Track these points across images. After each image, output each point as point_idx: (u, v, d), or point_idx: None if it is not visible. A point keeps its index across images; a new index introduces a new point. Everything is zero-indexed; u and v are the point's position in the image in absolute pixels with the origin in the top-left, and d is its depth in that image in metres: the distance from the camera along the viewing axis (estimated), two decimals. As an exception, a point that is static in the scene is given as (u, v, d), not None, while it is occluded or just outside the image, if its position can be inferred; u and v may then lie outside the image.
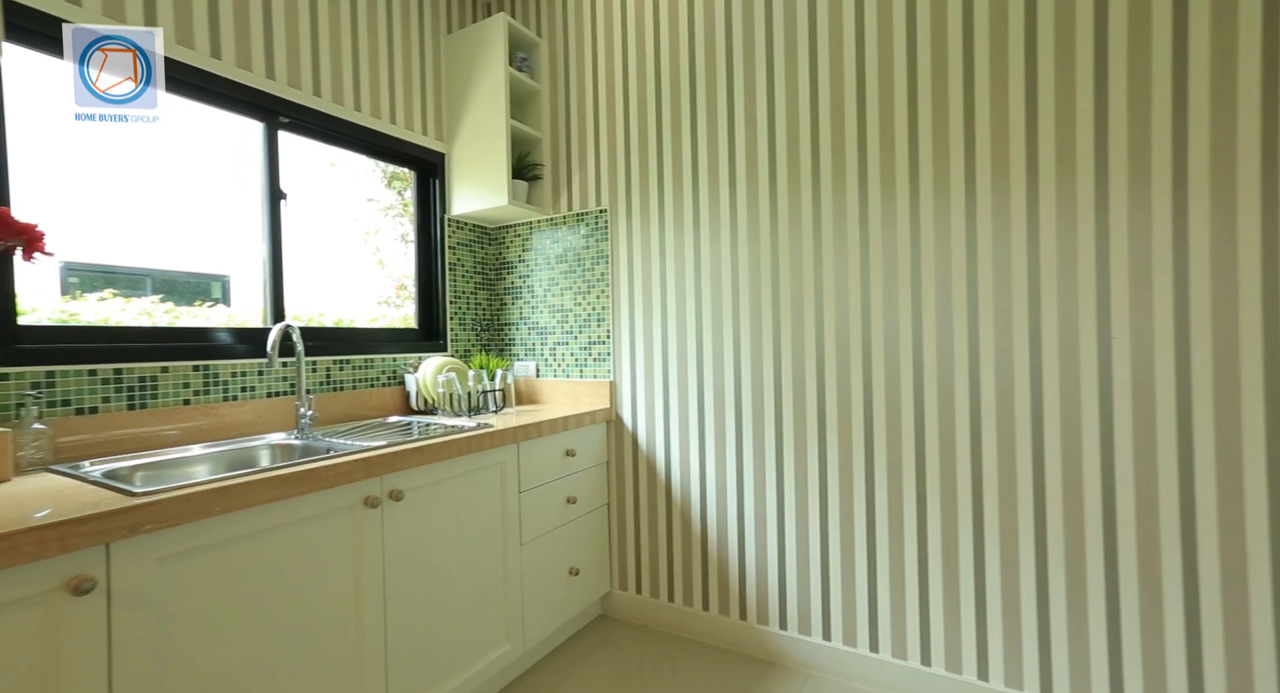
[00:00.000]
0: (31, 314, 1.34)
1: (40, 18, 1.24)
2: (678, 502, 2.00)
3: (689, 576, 1.98)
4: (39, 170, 1.33)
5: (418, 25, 2.16)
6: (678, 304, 1.99)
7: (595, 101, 2.15)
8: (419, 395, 1.99)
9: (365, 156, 2.10)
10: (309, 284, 1.91)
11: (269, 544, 1.11)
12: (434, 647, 1.44)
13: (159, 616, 0.95)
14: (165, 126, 1.58)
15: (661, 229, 2.02)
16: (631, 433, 2.10)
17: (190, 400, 1.51)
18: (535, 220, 2.30)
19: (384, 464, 1.31)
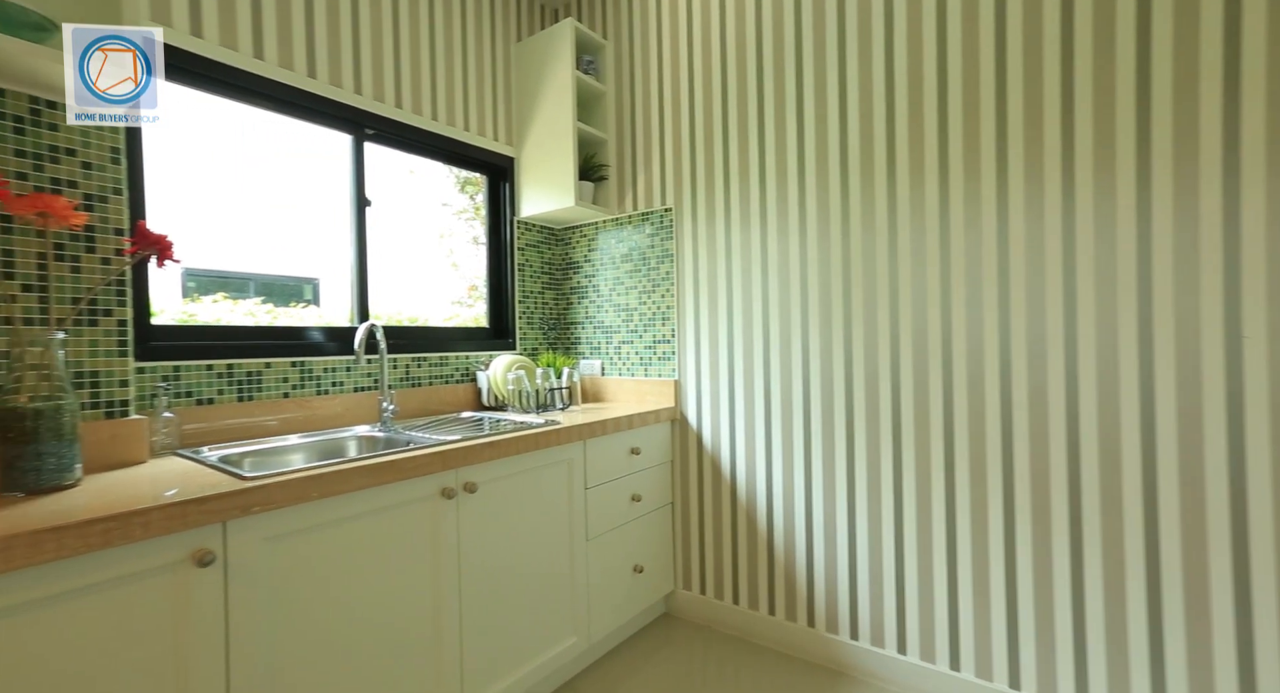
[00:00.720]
0: (160, 315, 1.50)
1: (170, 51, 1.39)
2: (743, 503, 1.97)
3: (754, 579, 1.94)
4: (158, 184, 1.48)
5: (489, 35, 2.24)
6: (744, 303, 1.95)
7: (660, 100, 2.15)
8: (490, 392, 2.07)
9: (440, 163, 2.20)
10: (389, 285, 2.02)
11: (356, 530, 1.19)
12: (504, 634, 1.49)
13: (265, 588, 1.04)
14: (264, 142, 1.72)
15: (728, 227, 1.99)
16: (696, 432, 2.08)
17: (289, 394, 1.63)
18: (601, 221, 2.33)
19: (459, 458, 1.36)
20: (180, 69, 1.44)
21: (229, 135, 1.64)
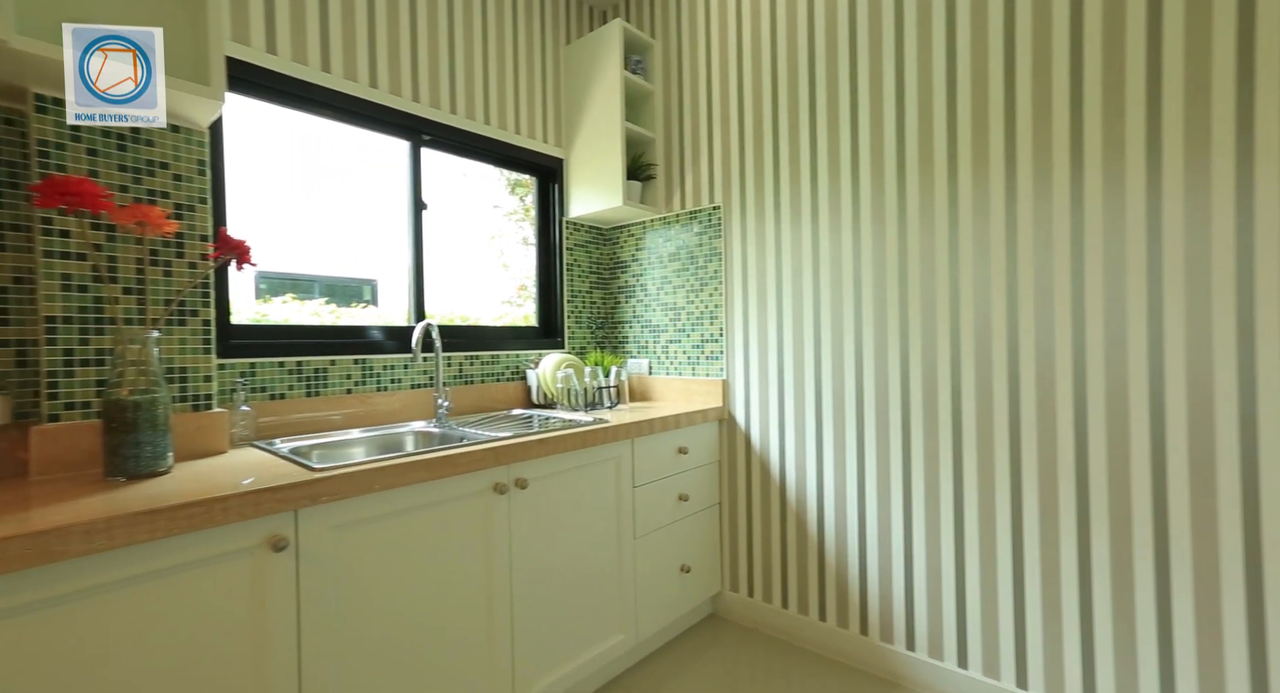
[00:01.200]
0: (236, 315, 1.60)
1: (247, 67, 1.49)
2: (792, 505, 1.93)
3: (804, 582, 1.91)
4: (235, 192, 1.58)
5: (539, 39, 2.28)
6: (794, 301, 1.92)
7: (708, 98, 2.13)
8: (539, 390, 2.11)
9: (492, 166, 2.26)
10: (442, 285, 2.09)
11: (414, 521, 1.23)
12: (554, 628, 1.52)
13: (333, 574, 1.10)
14: (328, 149, 1.81)
15: (777, 224, 1.96)
16: (744, 433, 2.06)
17: (351, 390, 1.72)
18: (648, 220, 2.33)
19: (511, 454, 1.40)
20: (254, 84, 1.54)
21: (296, 144, 1.74)
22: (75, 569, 0.82)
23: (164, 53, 1.18)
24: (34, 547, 0.77)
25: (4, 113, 1.14)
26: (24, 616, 0.79)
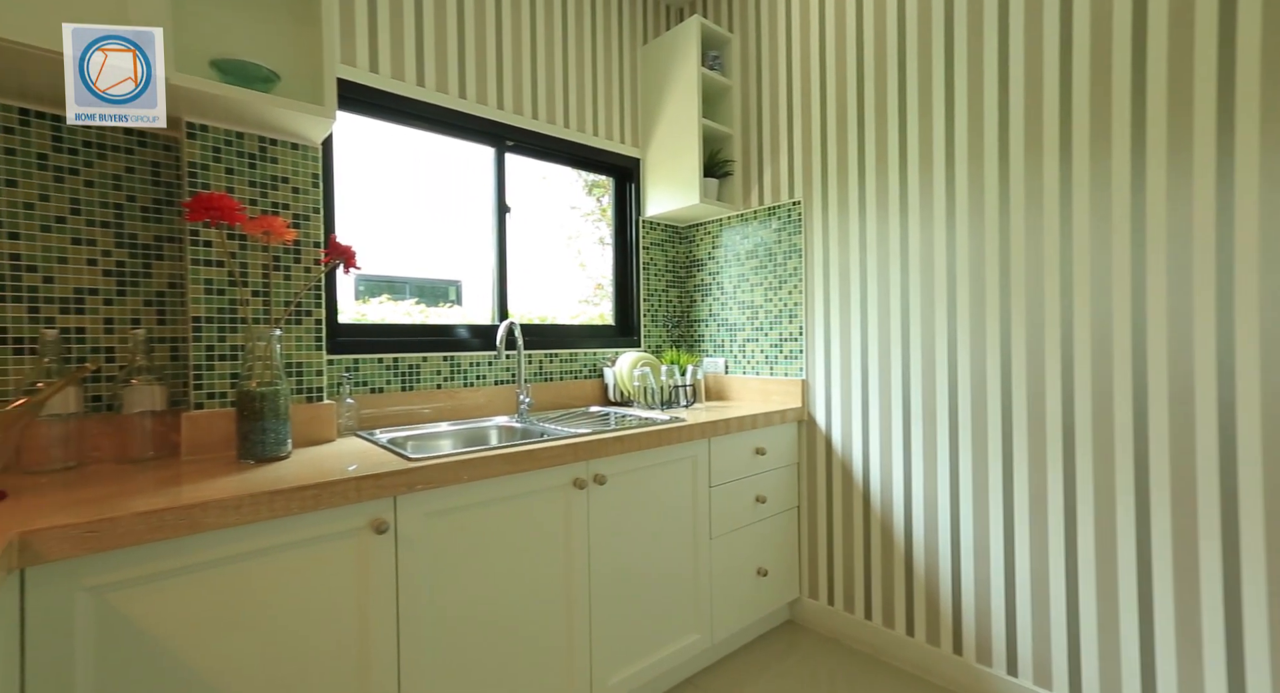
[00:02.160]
0: (341, 315, 1.74)
1: (353, 87, 1.62)
2: (877, 512, 1.84)
3: (890, 594, 1.81)
4: (342, 201, 1.71)
5: (617, 41, 2.31)
6: (880, 298, 1.82)
7: (789, 90, 2.07)
8: (616, 388, 2.14)
9: (570, 168, 2.32)
10: (523, 285, 2.17)
11: (499, 512, 1.29)
12: (630, 623, 1.53)
13: (426, 557, 1.17)
14: (418, 158, 1.92)
15: (862, 219, 1.87)
16: (825, 435, 1.99)
17: (441, 385, 1.82)
18: (725, 217, 2.30)
19: (590, 450, 1.43)
20: (358, 101, 1.66)
21: (389, 154, 1.86)
22: (216, 540, 0.92)
23: (286, 80, 1.31)
24: (185, 518, 0.88)
25: (165, 140, 1.31)
26: (178, 577, 0.90)
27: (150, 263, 1.31)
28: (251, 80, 1.22)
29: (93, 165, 1.24)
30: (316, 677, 1.03)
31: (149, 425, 1.23)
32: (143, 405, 1.23)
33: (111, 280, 1.26)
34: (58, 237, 1.21)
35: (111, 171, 1.26)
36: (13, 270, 1.16)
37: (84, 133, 1.23)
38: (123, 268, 1.28)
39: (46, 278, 1.20)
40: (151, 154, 1.31)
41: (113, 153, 1.26)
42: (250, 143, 1.33)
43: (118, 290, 1.27)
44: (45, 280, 1.19)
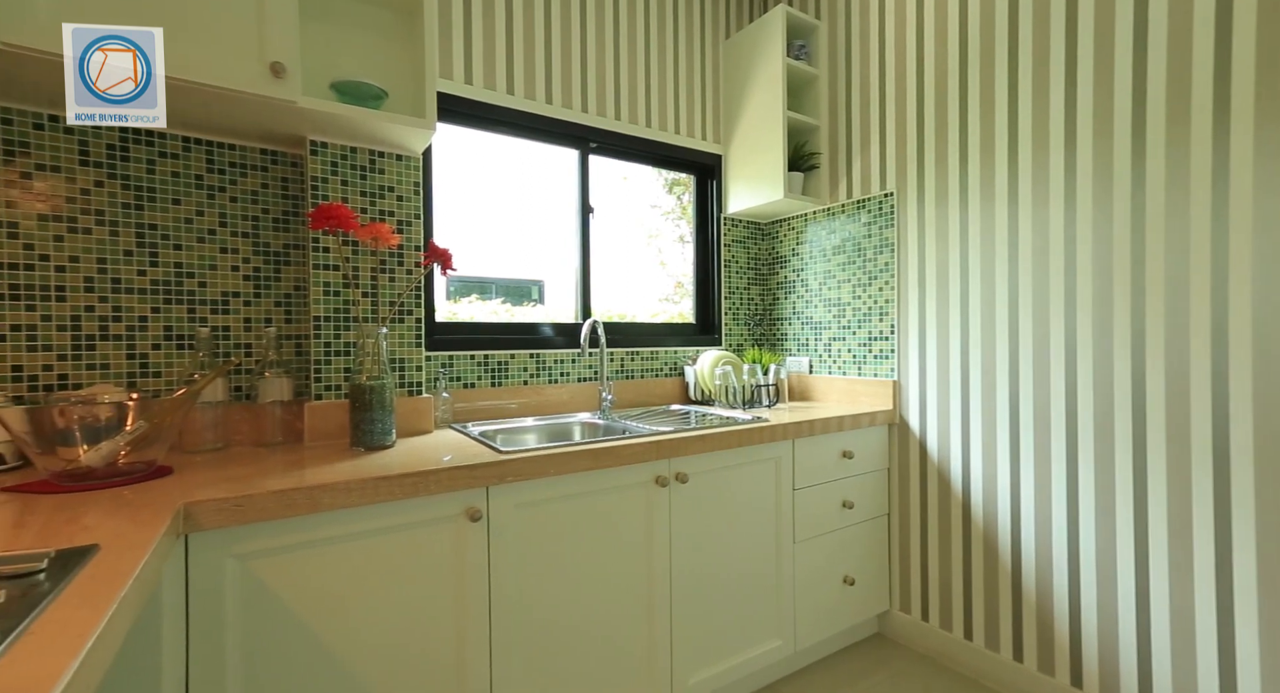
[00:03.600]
0: (436, 314, 1.85)
1: (450, 99, 1.72)
2: (979, 524, 1.71)
3: (994, 614, 1.67)
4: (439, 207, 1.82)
5: (699, 37, 2.29)
6: (985, 294, 1.68)
7: (881, 75, 1.96)
8: (696, 386, 2.13)
9: (650, 167, 2.33)
10: (604, 284, 2.20)
11: (583, 506, 1.32)
12: (711, 623, 1.52)
13: (515, 546, 1.22)
14: (503, 163, 2.00)
15: (963, 209, 1.73)
16: (919, 439, 1.87)
17: (527, 382, 1.89)
18: (810, 211, 2.22)
19: (672, 448, 1.43)
20: (454, 112, 1.76)
21: (477, 159, 1.96)
22: (333, 519, 1.02)
23: (392, 96, 1.41)
24: (309, 498, 0.97)
25: (291, 157, 1.46)
26: (303, 550, 1.00)
27: (280, 268, 1.46)
28: (364, 98, 1.33)
29: (236, 183, 1.41)
30: (418, 649, 1.10)
31: (278, 414, 1.38)
32: (273, 396, 1.37)
33: (250, 284, 1.43)
34: (210, 247, 1.38)
35: (250, 188, 1.42)
36: (176, 277, 1.34)
37: (231, 154, 1.39)
38: (258, 273, 1.44)
39: (201, 283, 1.37)
40: (281, 171, 1.46)
41: (251, 171, 1.42)
42: (362, 156, 1.45)
43: (254, 293, 1.43)
44: (200, 285, 1.37)
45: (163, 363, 1.33)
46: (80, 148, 1.24)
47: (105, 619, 0.49)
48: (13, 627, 0.46)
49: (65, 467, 0.94)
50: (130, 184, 1.29)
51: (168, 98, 1.15)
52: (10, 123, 1.18)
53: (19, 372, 1.19)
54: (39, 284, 1.21)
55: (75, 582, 0.55)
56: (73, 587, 0.54)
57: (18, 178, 1.19)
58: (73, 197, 1.24)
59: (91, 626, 0.47)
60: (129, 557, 0.63)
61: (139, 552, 0.65)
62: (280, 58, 1.15)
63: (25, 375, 1.20)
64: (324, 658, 1.01)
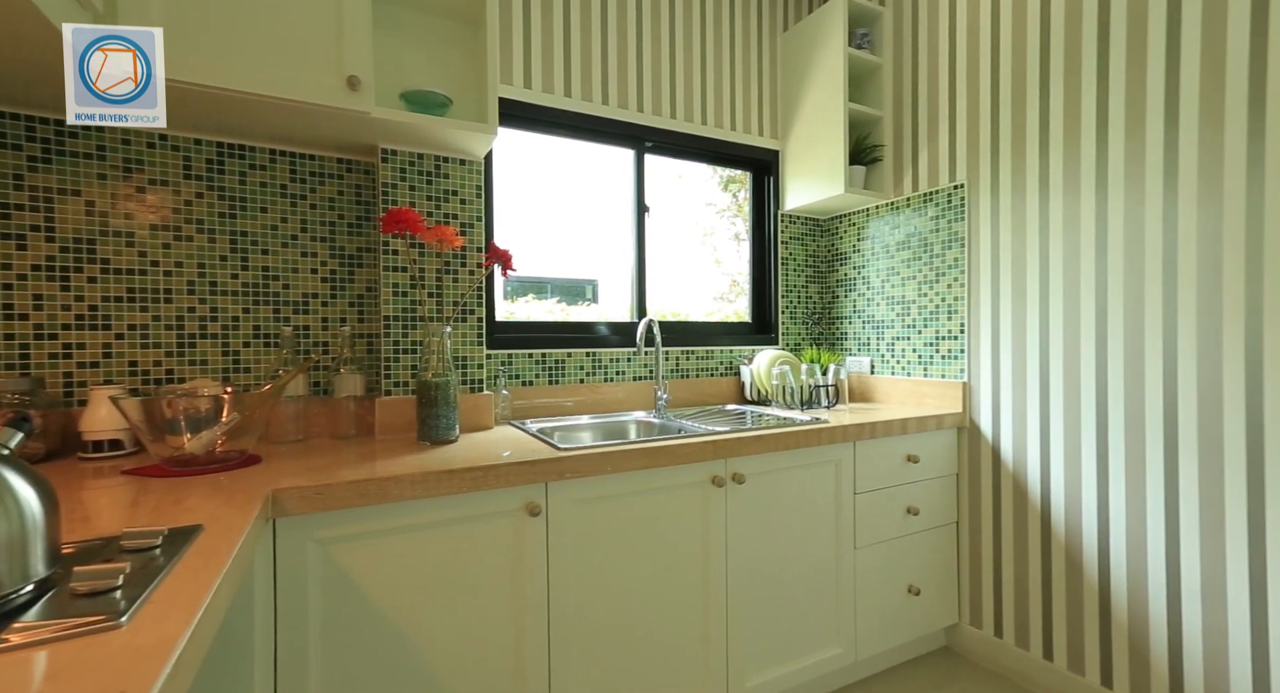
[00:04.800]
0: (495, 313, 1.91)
1: (510, 103, 1.77)
2: (1060, 537, 1.59)
3: (1078, 634, 1.56)
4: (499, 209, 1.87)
5: (756, 31, 2.25)
6: (1068, 290, 1.57)
7: (951, 59, 1.86)
8: (753, 386, 2.09)
9: (706, 164, 2.31)
10: (659, 283, 2.20)
11: (639, 504, 1.32)
12: (768, 627, 1.49)
13: (573, 541, 1.24)
14: (559, 164, 2.04)
15: (1043, 199, 1.62)
16: (992, 444, 1.77)
17: (583, 380, 1.92)
18: (873, 206, 2.14)
19: (728, 448, 1.41)
20: (514, 116, 1.81)
21: (533, 161, 2.00)
22: (402, 509, 1.06)
23: (456, 103, 1.46)
24: (380, 489, 1.03)
25: (364, 165, 1.55)
26: (375, 538, 1.05)
27: (354, 270, 1.55)
28: (431, 106, 1.39)
29: (315, 191, 1.50)
30: (479, 635, 1.14)
31: (352, 408, 1.46)
32: (348, 391, 1.46)
33: (327, 286, 1.52)
34: (292, 251, 1.48)
35: (328, 195, 1.51)
36: (263, 279, 1.45)
37: (311, 164, 1.49)
38: (334, 275, 1.53)
39: (284, 285, 1.47)
40: (355, 178, 1.54)
41: (329, 179, 1.51)
42: (428, 162, 1.52)
43: (331, 294, 1.52)
44: (284, 287, 1.47)
45: (252, 360, 1.43)
46: (184, 162, 1.36)
47: (210, 593, 0.54)
48: (138, 595, 0.51)
49: (173, 453, 1.04)
50: (225, 194, 1.41)
51: (260, 114, 1.25)
52: (130, 143, 1.31)
53: (135, 367, 1.32)
54: (150, 288, 1.34)
55: (185, 558, 0.61)
56: (183, 562, 0.60)
57: (134, 192, 1.32)
58: (178, 207, 1.36)
59: (199, 599, 0.52)
60: (228, 538, 0.69)
61: (235, 534, 0.70)
62: (356, 71, 1.22)
63: (139, 370, 1.33)
64: (394, 639, 1.06)
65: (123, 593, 0.51)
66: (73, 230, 1.27)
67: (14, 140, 1.22)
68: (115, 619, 0.47)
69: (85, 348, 1.28)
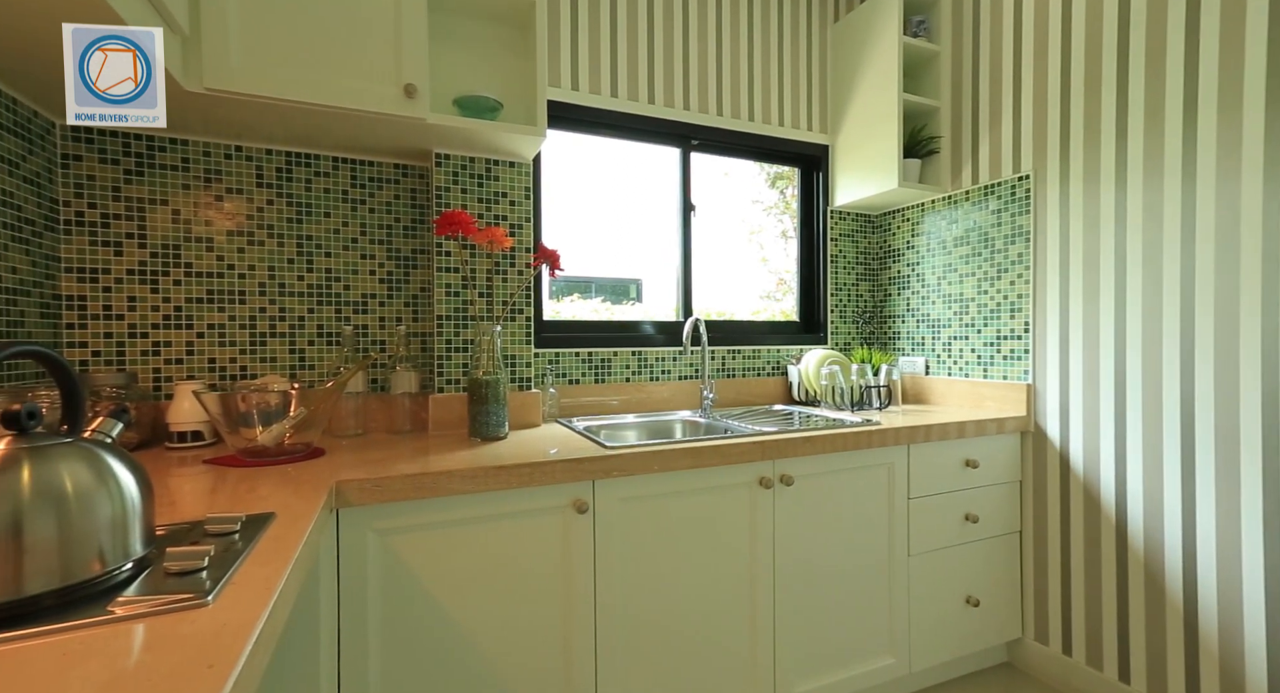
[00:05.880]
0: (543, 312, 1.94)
1: (558, 105, 1.79)
2: (1138, 551, 1.49)
3: (1159, 657, 1.45)
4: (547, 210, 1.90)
5: (805, 23, 2.20)
6: (1148, 287, 1.46)
7: (1017, 44, 1.77)
8: (800, 386, 2.05)
9: (753, 161, 2.28)
10: (704, 281, 2.19)
11: (685, 504, 1.32)
12: (817, 634, 1.46)
13: (620, 539, 1.25)
14: (604, 164, 2.05)
15: (1121, 188, 1.52)
16: (1060, 451, 1.67)
17: (629, 379, 1.93)
18: (928, 200, 2.06)
19: (777, 449, 1.39)
20: (562, 118, 1.83)
21: (580, 162, 2.02)
22: (455, 503, 1.10)
23: (506, 106, 1.49)
24: (434, 483, 1.06)
25: (419, 169, 1.61)
26: (430, 530, 1.09)
27: (409, 271, 1.61)
28: (482, 111, 1.43)
29: (374, 196, 1.57)
30: (528, 627, 1.17)
31: (407, 405, 1.52)
32: (403, 388, 1.51)
33: (384, 287, 1.58)
34: (352, 254, 1.55)
35: (385, 200, 1.58)
36: (326, 281, 1.52)
37: (370, 170, 1.56)
38: (391, 276, 1.59)
39: (345, 286, 1.54)
40: (411, 183, 1.60)
41: (386, 184, 1.58)
42: (479, 165, 1.56)
43: (387, 294, 1.59)
44: (344, 288, 1.54)
45: (316, 357, 1.51)
46: (257, 171, 1.45)
47: (284, 577, 0.57)
48: (221, 576, 0.55)
49: (246, 444, 1.11)
50: (293, 201, 1.49)
51: (325, 124, 1.32)
52: (209, 154, 1.41)
53: (213, 363, 1.42)
54: (226, 290, 1.43)
55: (260, 543, 0.65)
56: (259, 547, 0.64)
57: (214, 200, 1.42)
58: (251, 214, 1.45)
59: (275, 581, 0.55)
60: (297, 526, 0.73)
61: (304, 522, 0.74)
62: (413, 80, 1.27)
63: (217, 366, 1.42)
64: (446, 625, 1.10)
65: (208, 574, 0.55)
66: (161, 237, 1.38)
67: (113, 156, 1.34)
68: (202, 598, 0.51)
69: (171, 346, 1.39)
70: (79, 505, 0.52)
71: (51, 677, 0.41)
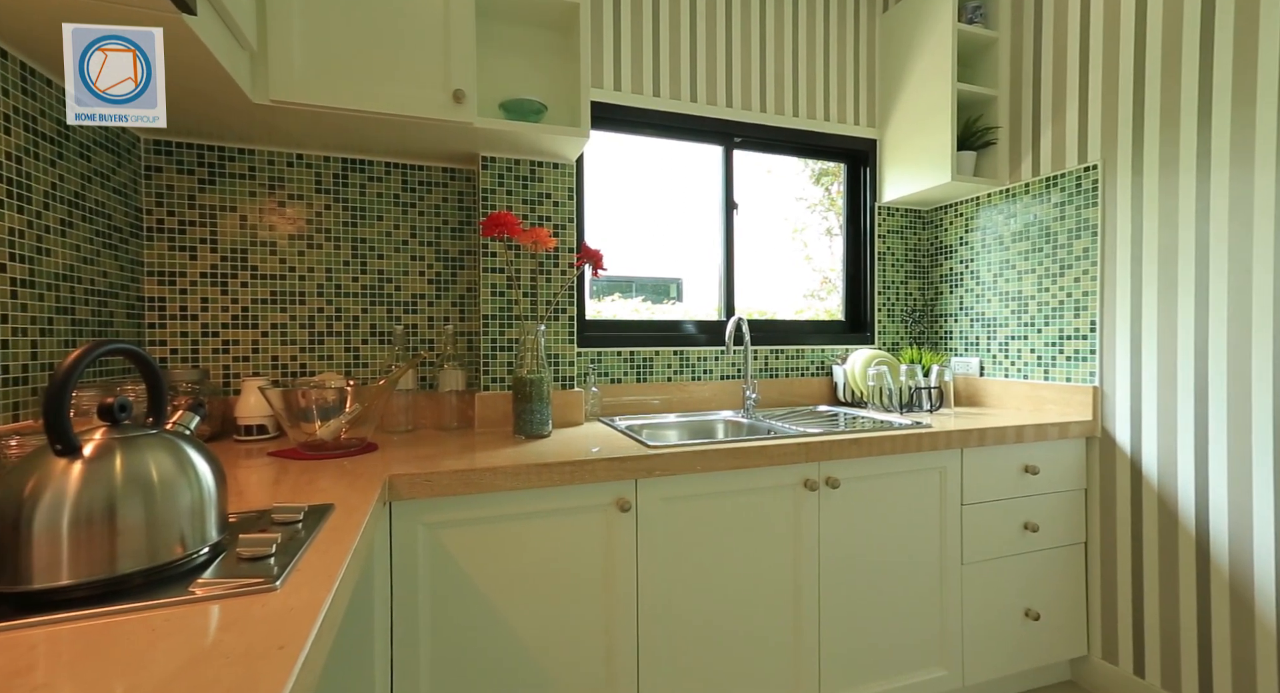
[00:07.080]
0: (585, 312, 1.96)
1: (601, 106, 1.81)
2: (1221, 568, 1.38)
3: (1248, 684, 1.34)
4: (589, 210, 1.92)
5: (853, 14, 2.14)
6: (1234, 283, 1.36)
7: (1084, 27, 1.67)
8: (846, 387, 2.00)
9: (797, 158, 2.23)
10: (746, 280, 2.16)
11: (728, 505, 1.30)
12: (864, 642, 1.42)
13: (662, 539, 1.24)
14: (646, 163, 2.05)
15: (1203, 177, 1.41)
16: (1130, 457, 1.56)
17: (671, 379, 1.92)
18: (984, 194, 1.97)
19: (822, 451, 1.35)
20: (605, 119, 1.84)
21: (622, 161, 2.02)
22: (501, 499, 1.12)
23: (550, 109, 1.51)
24: (480, 479, 1.09)
25: (466, 172, 1.65)
26: (477, 525, 1.11)
27: (456, 272, 1.65)
28: (527, 114, 1.45)
29: (424, 199, 1.62)
30: (571, 623, 1.18)
31: (454, 402, 1.56)
32: (451, 386, 1.55)
33: (433, 287, 1.63)
34: (403, 255, 1.60)
35: (434, 202, 1.63)
36: (379, 282, 1.58)
37: (420, 174, 1.61)
38: (439, 277, 1.64)
39: (396, 287, 1.60)
40: (458, 186, 1.65)
41: (435, 187, 1.63)
42: (524, 167, 1.59)
43: (436, 294, 1.63)
44: (395, 289, 1.60)
45: (369, 355, 1.57)
46: (316, 178, 1.52)
47: (344, 565, 0.60)
48: (288, 562, 0.59)
49: (306, 438, 1.16)
50: (348, 205, 1.55)
51: (379, 131, 1.37)
52: (273, 163, 1.49)
53: (276, 361, 1.49)
54: (288, 291, 1.51)
55: (322, 532, 0.68)
56: (321, 535, 0.67)
57: (277, 206, 1.49)
58: (310, 218, 1.52)
59: (336, 569, 0.58)
60: (354, 517, 0.76)
61: (360, 514, 0.77)
62: (461, 85, 1.30)
63: (279, 364, 1.50)
64: (492, 617, 1.12)
65: (275, 560, 0.58)
66: (230, 241, 1.46)
67: (189, 166, 1.43)
68: (271, 583, 0.54)
69: (239, 344, 1.47)
70: (164, 493, 0.56)
71: (141, 650, 0.44)
